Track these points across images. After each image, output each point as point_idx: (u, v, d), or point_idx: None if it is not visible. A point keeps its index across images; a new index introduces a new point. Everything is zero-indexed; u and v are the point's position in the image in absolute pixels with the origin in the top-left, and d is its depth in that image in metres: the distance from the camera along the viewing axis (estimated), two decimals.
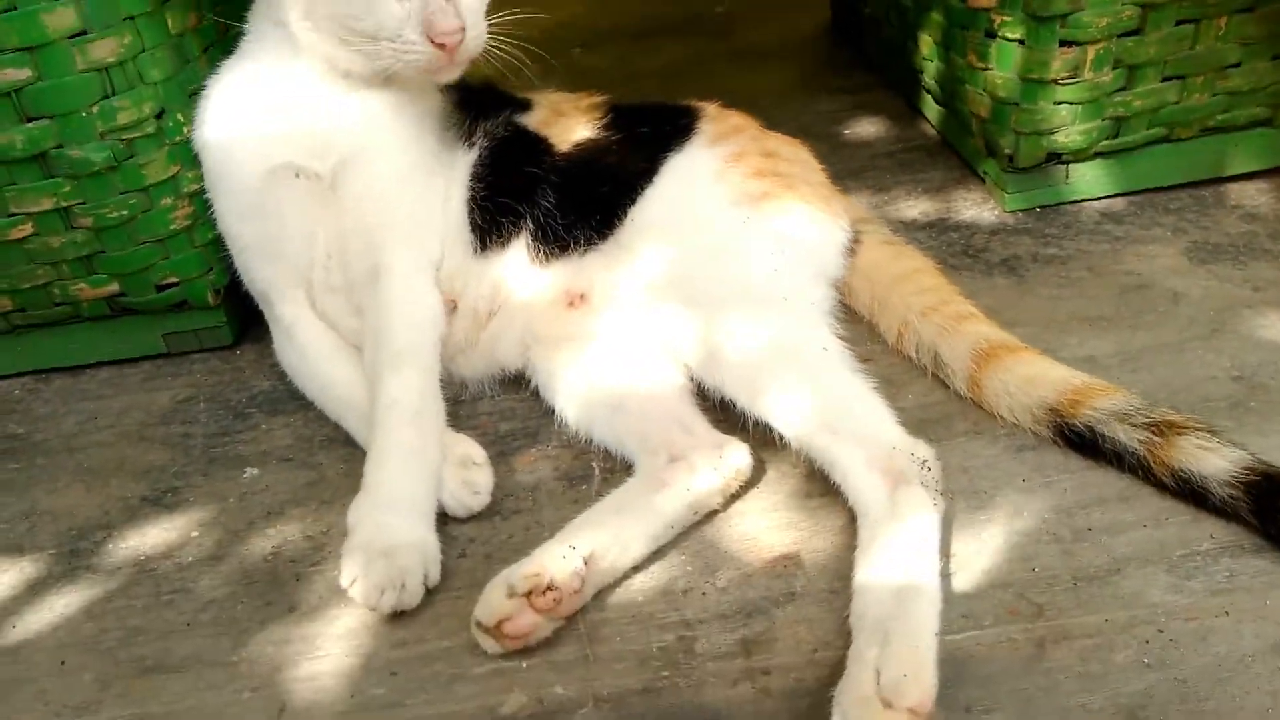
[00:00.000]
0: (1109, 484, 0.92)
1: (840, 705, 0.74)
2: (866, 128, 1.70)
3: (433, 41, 1.00)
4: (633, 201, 1.11)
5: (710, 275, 1.04)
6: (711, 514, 0.94)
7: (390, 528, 0.89)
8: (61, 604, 0.94)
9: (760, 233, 1.07)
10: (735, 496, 0.96)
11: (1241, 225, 1.29)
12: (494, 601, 0.82)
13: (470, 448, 1.02)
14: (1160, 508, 0.89)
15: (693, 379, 1.03)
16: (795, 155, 1.21)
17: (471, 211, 1.13)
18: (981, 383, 1.02)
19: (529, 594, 0.81)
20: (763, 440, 0.98)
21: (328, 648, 0.86)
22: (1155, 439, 0.90)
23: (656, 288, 1.05)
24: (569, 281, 1.11)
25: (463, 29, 1.01)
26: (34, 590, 0.96)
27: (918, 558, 0.82)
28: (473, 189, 1.14)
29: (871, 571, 0.83)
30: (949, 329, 1.06)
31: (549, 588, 0.82)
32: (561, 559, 0.84)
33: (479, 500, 0.98)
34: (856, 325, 1.15)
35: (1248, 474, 0.85)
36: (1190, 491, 0.88)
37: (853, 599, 0.82)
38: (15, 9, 1.02)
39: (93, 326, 1.26)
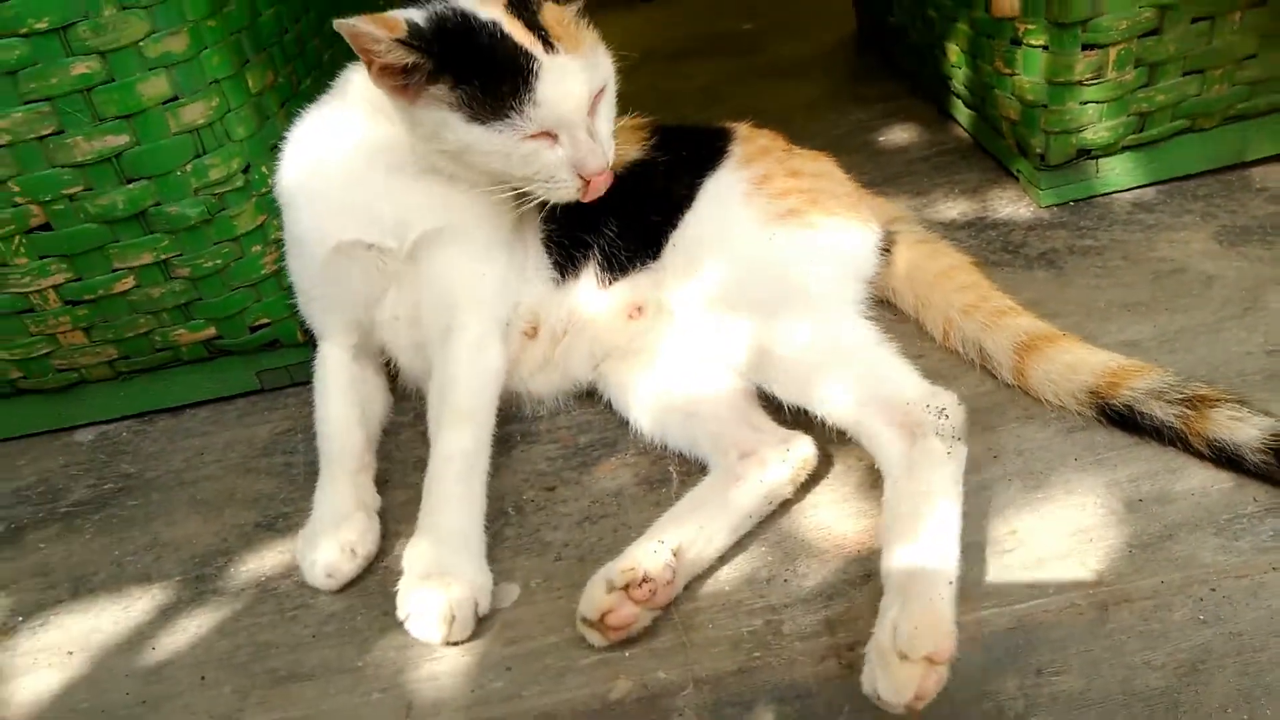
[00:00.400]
0: (1156, 458, 0.99)
1: (869, 659, 0.82)
2: (899, 134, 1.77)
3: (581, 177, 1.08)
4: (674, 226, 1.19)
5: (748, 288, 1.12)
6: (786, 504, 1.02)
7: (446, 564, 0.97)
8: (194, 625, 1.02)
9: (789, 247, 1.14)
10: (805, 487, 1.03)
11: (1267, 207, 1.34)
12: (596, 597, 0.90)
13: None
14: (1205, 477, 0.95)
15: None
16: (820, 169, 1.28)
17: (549, 249, 1.21)
18: (1026, 373, 1.09)
19: (626, 587, 0.89)
20: (829, 436, 1.05)
21: (443, 650, 0.94)
22: (1189, 413, 0.97)
23: (705, 302, 1.13)
24: (628, 297, 1.20)
25: (609, 161, 1.09)
26: (166, 615, 1.04)
27: (931, 516, 0.89)
28: (546, 230, 1.21)
29: (891, 530, 0.90)
30: (990, 324, 1.13)
31: (644, 580, 0.89)
32: (652, 553, 0.92)
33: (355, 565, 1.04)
34: (905, 324, 1.23)
35: (1277, 440, 0.92)
36: (1226, 459, 0.94)
37: (881, 557, 0.89)
38: (114, 80, 1.11)
39: (191, 369, 1.35)
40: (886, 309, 1.25)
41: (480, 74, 1.03)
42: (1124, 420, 1.01)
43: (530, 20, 1.06)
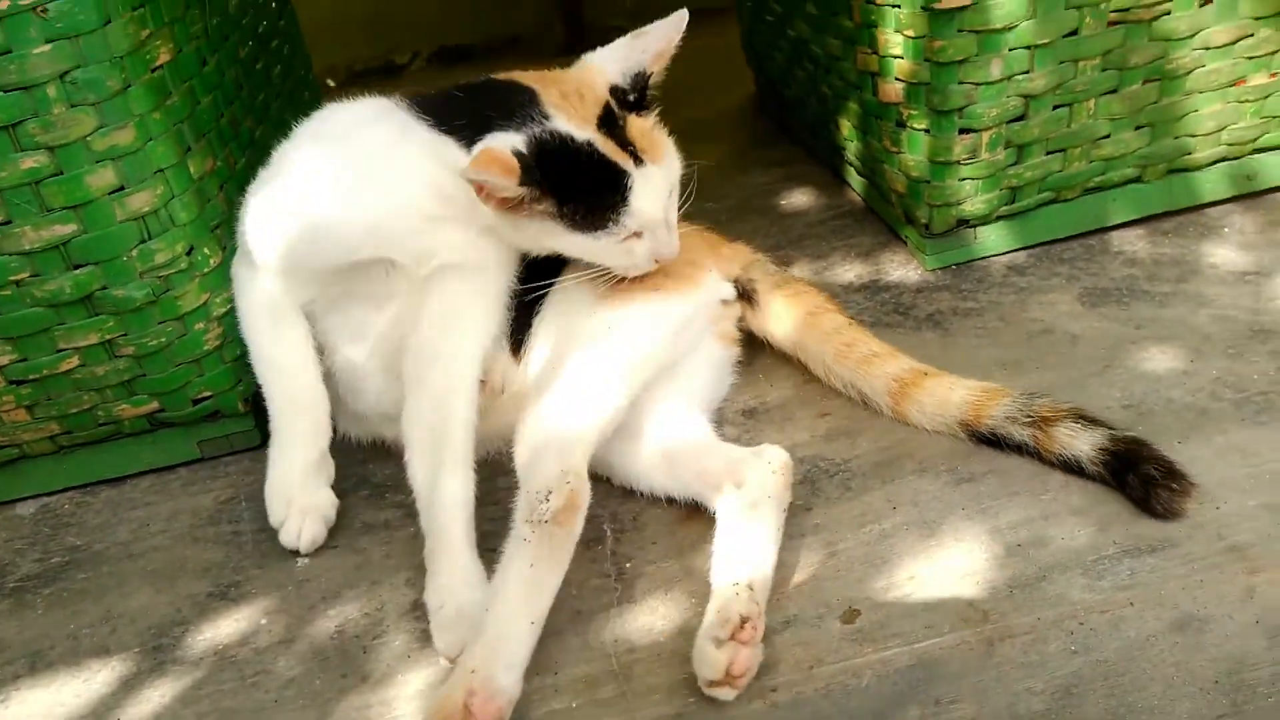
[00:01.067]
0: (1032, 505, 1.13)
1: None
2: (799, 198, 1.91)
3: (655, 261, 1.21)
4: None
5: (580, 363, 1.18)
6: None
7: (470, 600, 1.07)
8: (157, 695, 1.08)
9: (617, 323, 1.22)
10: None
11: (1124, 269, 1.51)
12: (712, 657, 0.95)
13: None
14: (1073, 523, 1.09)
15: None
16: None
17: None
18: (902, 412, 1.26)
19: (732, 635, 0.96)
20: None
21: (402, 708, 1.02)
22: (1039, 433, 1.15)
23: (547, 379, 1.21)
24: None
25: (678, 247, 1.22)
26: (128, 686, 1.09)
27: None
28: None
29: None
30: (862, 372, 1.29)
31: (744, 621, 0.97)
32: (736, 596, 0.99)
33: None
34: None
35: (1103, 454, 1.11)
36: (1075, 468, 1.13)
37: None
38: (62, 173, 1.17)
39: (133, 440, 1.39)
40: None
41: (582, 193, 1.15)
42: (994, 442, 1.19)
43: (620, 136, 1.17)
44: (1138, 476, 1.09)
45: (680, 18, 1.25)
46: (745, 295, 1.36)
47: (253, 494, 1.35)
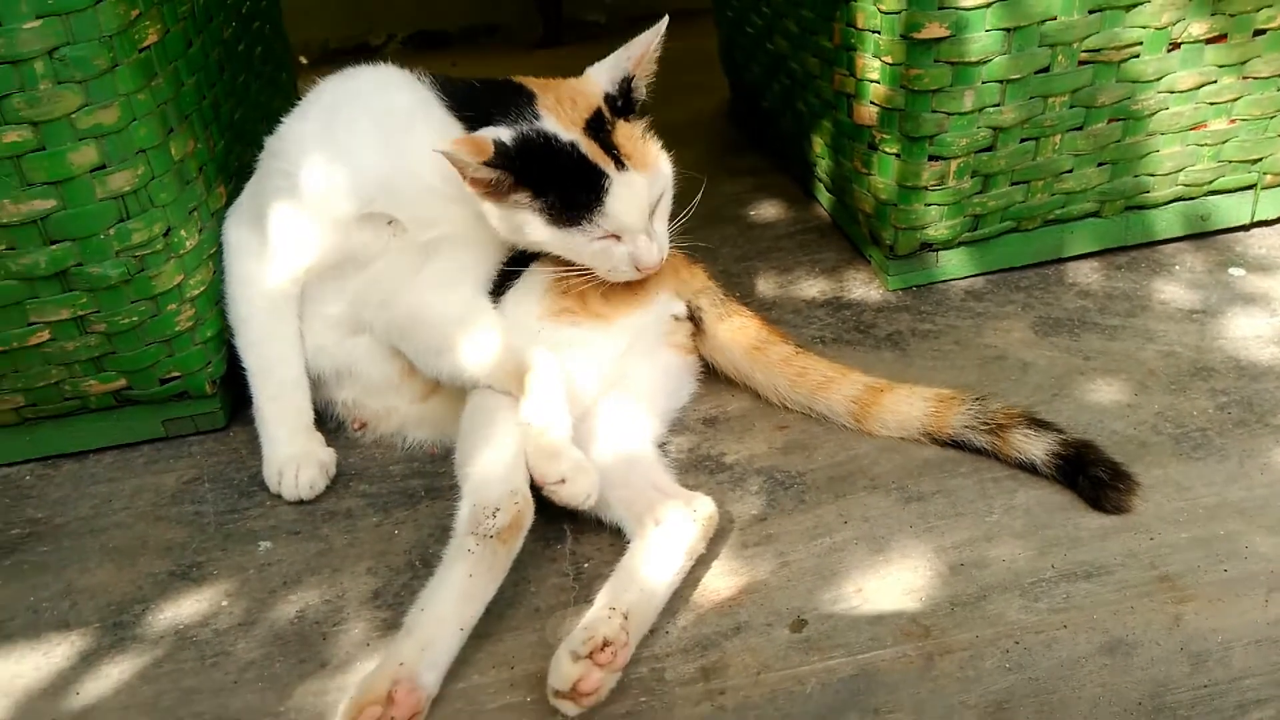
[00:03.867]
0: (976, 526, 1.17)
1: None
2: (768, 209, 1.95)
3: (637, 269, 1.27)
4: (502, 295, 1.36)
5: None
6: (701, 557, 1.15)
7: None
8: (116, 672, 1.09)
9: (564, 344, 1.28)
10: (716, 539, 1.17)
11: (1077, 301, 1.57)
12: (564, 668, 0.98)
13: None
14: (1014, 546, 1.14)
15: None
16: None
17: None
18: (867, 426, 1.32)
19: (590, 654, 0.98)
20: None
21: None
22: (996, 440, 1.23)
23: None
24: None
25: (663, 256, 1.27)
26: (88, 661, 1.11)
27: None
28: None
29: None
30: (818, 396, 1.34)
31: (605, 644, 0.99)
32: (607, 619, 1.02)
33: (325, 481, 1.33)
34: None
35: (1054, 457, 1.19)
36: (1030, 467, 1.22)
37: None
38: (44, 149, 1.17)
39: (98, 416, 1.40)
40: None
41: (559, 188, 1.22)
42: (955, 444, 1.27)
43: (605, 140, 1.24)
44: (1087, 478, 1.17)
45: (660, 25, 1.31)
46: (694, 320, 1.40)
47: (216, 475, 1.37)
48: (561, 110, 1.24)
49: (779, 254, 1.79)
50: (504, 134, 1.21)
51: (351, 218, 1.29)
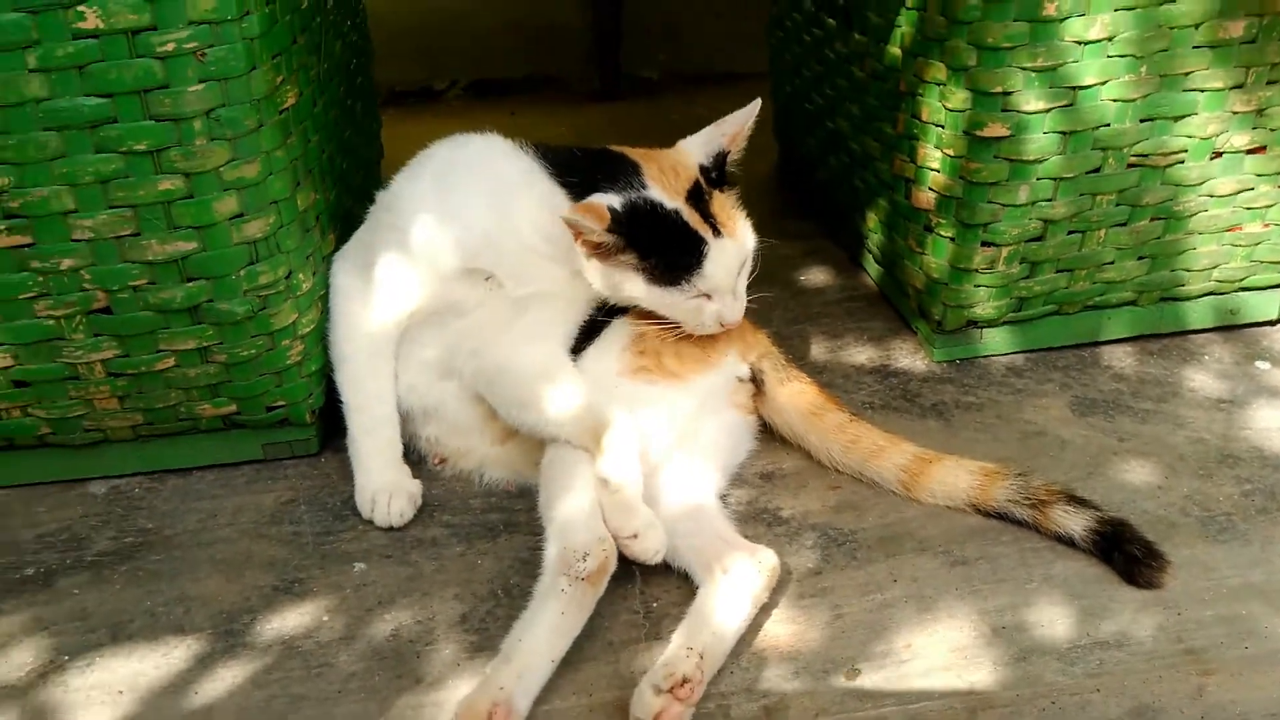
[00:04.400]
0: (1017, 592, 1.28)
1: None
2: (817, 275, 2.07)
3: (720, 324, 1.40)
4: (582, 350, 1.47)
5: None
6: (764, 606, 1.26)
7: None
8: (230, 675, 1.20)
9: (628, 396, 1.40)
10: (776, 589, 1.27)
11: (1112, 384, 1.68)
12: (648, 700, 1.08)
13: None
14: (1053, 612, 1.25)
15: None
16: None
17: None
18: (915, 495, 1.42)
19: (671, 689, 1.09)
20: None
21: (454, 711, 1.15)
22: (1037, 514, 1.34)
23: None
24: None
25: (742, 314, 1.42)
26: (204, 664, 1.22)
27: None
28: None
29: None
30: (869, 464, 1.44)
31: (684, 681, 1.09)
32: (685, 658, 1.12)
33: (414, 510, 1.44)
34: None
35: (1092, 533, 1.30)
36: (1068, 541, 1.32)
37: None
38: (192, 197, 1.30)
39: (205, 436, 1.52)
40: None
41: (662, 252, 1.35)
42: (999, 517, 1.37)
43: (703, 209, 1.38)
44: (1122, 554, 1.28)
45: (754, 106, 1.46)
46: (755, 382, 1.52)
47: (310, 498, 1.48)
48: (665, 180, 1.38)
49: (828, 320, 1.91)
50: (614, 200, 1.34)
51: (455, 271, 1.41)
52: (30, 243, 1.29)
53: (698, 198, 1.39)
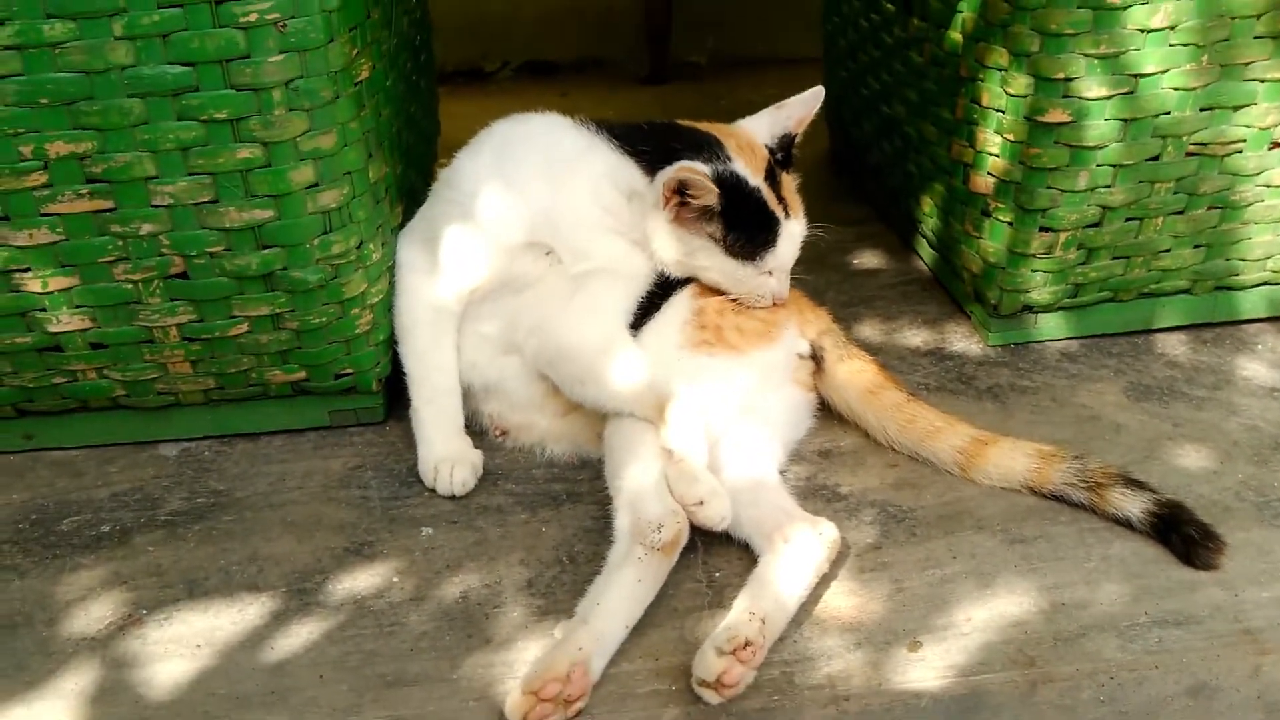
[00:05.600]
0: (1076, 570, 1.29)
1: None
2: (870, 259, 2.09)
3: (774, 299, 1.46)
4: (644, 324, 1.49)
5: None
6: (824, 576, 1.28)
7: None
8: (305, 632, 1.23)
9: (690, 368, 1.42)
10: (835, 562, 1.30)
11: (1166, 370, 1.69)
12: (711, 661, 1.10)
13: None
14: (1112, 590, 1.26)
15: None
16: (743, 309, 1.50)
17: None
18: (971, 475, 1.44)
19: (734, 651, 1.11)
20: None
21: (523, 670, 1.16)
22: (1094, 496, 1.35)
23: None
24: None
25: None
26: (278, 620, 1.25)
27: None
28: None
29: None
30: (925, 443, 1.46)
31: (746, 644, 1.12)
32: (748, 622, 1.15)
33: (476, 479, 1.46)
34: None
35: (1150, 515, 1.31)
36: (1125, 522, 1.34)
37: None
38: (270, 165, 1.33)
39: (273, 402, 1.55)
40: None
41: (744, 226, 1.39)
42: (1056, 499, 1.39)
43: (777, 189, 1.42)
44: (1179, 536, 1.29)
45: (818, 91, 1.49)
46: (815, 359, 1.53)
47: (377, 464, 1.52)
48: (745, 156, 1.42)
49: (882, 302, 1.92)
50: (704, 169, 1.35)
51: (517, 245, 1.44)
52: (111, 207, 1.33)
53: (772, 178, 1.42)
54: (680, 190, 1.36)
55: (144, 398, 1.51)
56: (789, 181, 1.46)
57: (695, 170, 1.33)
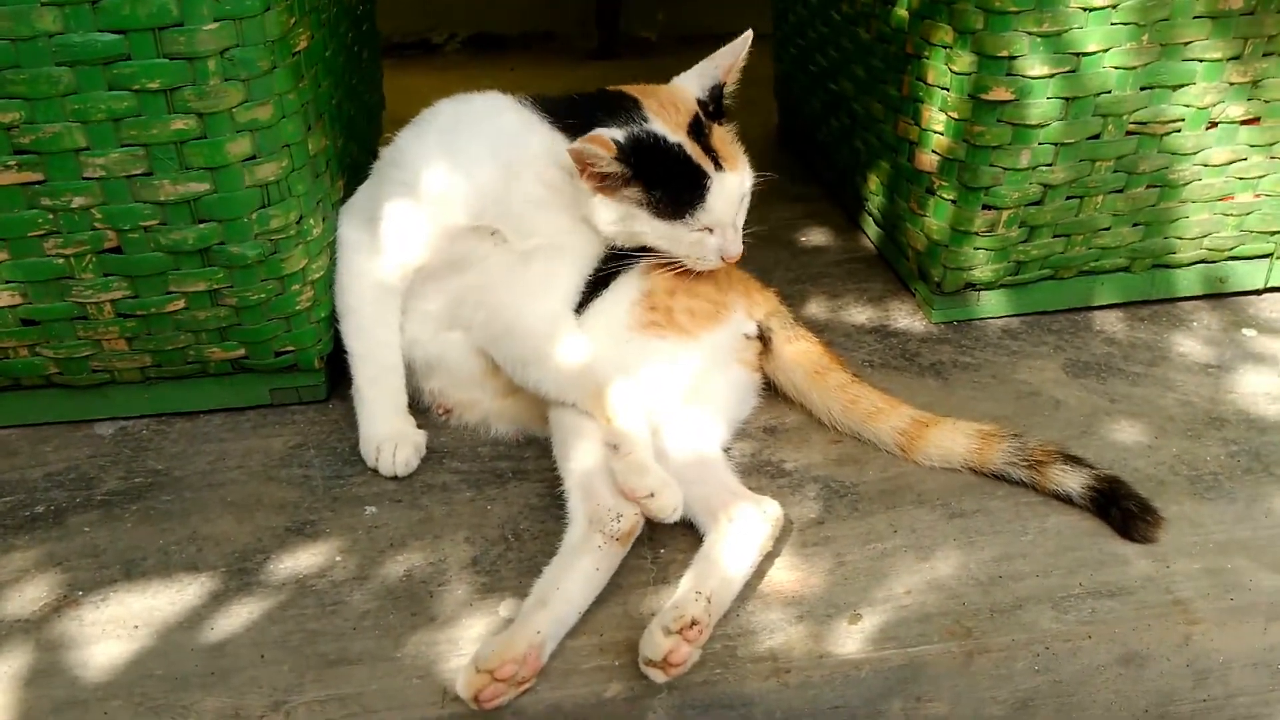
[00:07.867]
0: (1013, 544, 1.32)
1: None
2: (817, 236, 2.10)
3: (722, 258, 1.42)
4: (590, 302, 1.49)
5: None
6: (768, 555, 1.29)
7: None
8: (245, 611, 1.22)
9: (639, 350, 1.43)
10: (779, 538, 1.30)
11: (1104, 347, 1.72)
12: (658, 641, 1.10)
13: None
14: (1046, 564, 1.29)
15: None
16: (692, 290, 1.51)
17: None
18: (913, 457, 1.45)
19: (680, 630, 1.11)
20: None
21: (468, 648, 1.17)
22: (1035, 474, 1.37)
23: None
24: None
25: (741, 249, 1.43)
26: (218, 600, 1.24)
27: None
28: None
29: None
30: (867, 424, 1.47)
31: (693, 623, 1.12)
32: (694, 601, 1.15)
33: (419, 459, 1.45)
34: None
35: (1089, 490, 1.34)
36: (1066, 498, 1.36)
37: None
38: (205, 137, 1.30)
39: (212, 380, 1.53)
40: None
41: (666, 185, 1.36)
42: (997, 478, 1.41)
43: (704, 143, 1.40)
44: (1119, 510, 1.32)
45: (746, 37, 1.48)
46: (763, 339, 1.54)
47: (319, 443, 1.50)
48: (665, 114, 1.40)
49: (828, 280, 1.93)
50: (617, 134, 1.35)
51: (462, 227, 1.42)
52: (41, 179, 1.29)
53: (698, 132, 1.40)
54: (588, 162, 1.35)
55: (78, 376, 1.47)
56: (721, 133, 1.44)
57: (593, 140, 1.31)
